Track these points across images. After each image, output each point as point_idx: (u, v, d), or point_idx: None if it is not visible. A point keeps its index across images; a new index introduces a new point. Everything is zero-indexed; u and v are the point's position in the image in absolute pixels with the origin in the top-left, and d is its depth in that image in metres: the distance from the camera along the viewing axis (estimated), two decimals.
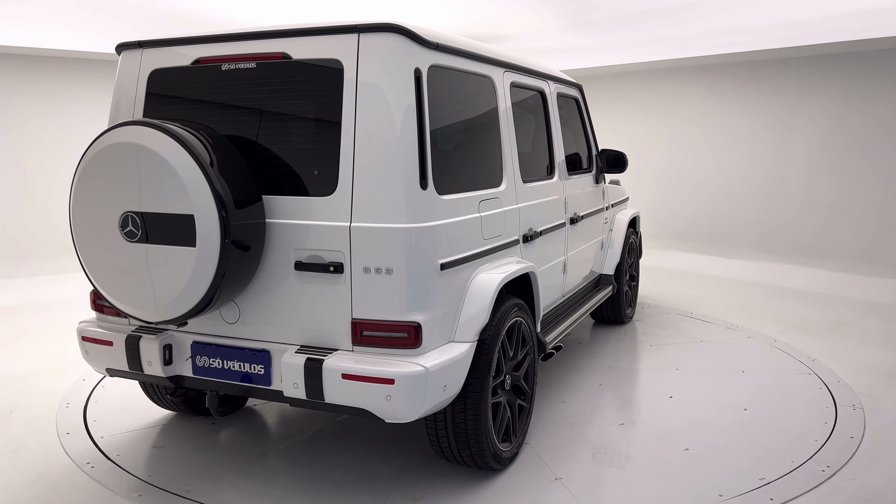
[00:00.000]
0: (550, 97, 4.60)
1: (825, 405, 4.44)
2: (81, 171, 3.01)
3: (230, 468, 3.62)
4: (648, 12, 5.80)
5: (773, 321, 6.46)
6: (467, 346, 3.15)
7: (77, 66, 8.27)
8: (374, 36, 2.93)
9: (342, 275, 2.97)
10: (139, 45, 3.45)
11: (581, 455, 3.76)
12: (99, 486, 3.45)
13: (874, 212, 7.87)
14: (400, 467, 3.63)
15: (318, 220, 3.00)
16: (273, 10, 5.63)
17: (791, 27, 6.52)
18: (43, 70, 8.04)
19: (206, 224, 2.80)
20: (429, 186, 2.99)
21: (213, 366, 3.26)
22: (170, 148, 2.81)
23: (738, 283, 8.01)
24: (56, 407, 4.45)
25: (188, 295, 2.90)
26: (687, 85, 9.44)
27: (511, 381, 3.65)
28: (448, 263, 3.07)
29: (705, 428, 4.11)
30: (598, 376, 5.00)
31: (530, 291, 3.84)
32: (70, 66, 8.22)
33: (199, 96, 3.29)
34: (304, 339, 3.11)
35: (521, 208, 3.87)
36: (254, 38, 3.16)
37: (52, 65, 8.08)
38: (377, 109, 2.91)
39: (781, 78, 8.50)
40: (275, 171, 3.09)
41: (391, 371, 2.86)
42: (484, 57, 3.61)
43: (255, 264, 3.09)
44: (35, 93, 8.04)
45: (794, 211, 8.49)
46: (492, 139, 3.69)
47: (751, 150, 8.87)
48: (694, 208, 9.42)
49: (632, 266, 6.54)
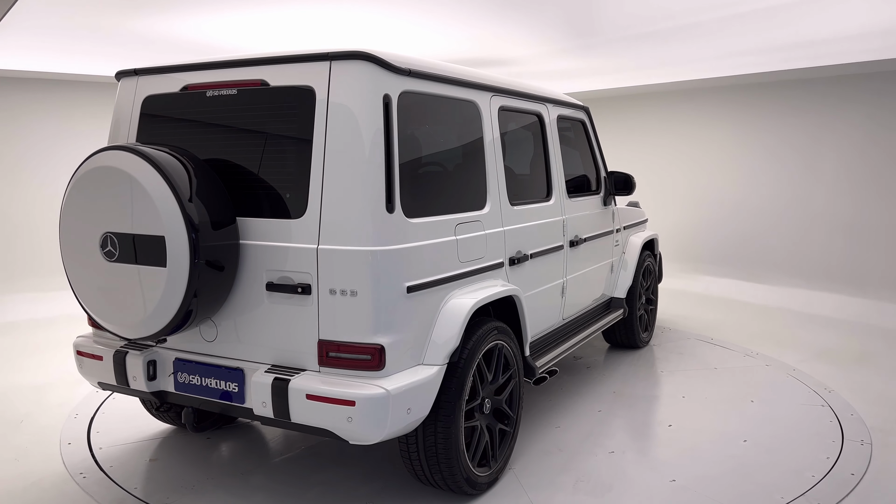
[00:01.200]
0: (549, 120, 4.60)
1: (832, 439, 4.26)
2: (68, 192, 3.15)
3: (214, 483, 3.70)
4: (661, 32, 5.74)
5: (795, 349, 6.25)
6: (436, 369, 3.15)
7: (86, 89, 8.54)
8: (344, 63, 3.00)
9: (310, 296, 3.03)
10: (135, 72, 3.60)
11: (563, 483, 3.71)
12: (85, 496, 3.56)
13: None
14: (378, 488, 3.64)
15: (288, 241, 3.07)
16: (272, 38, 5.79)
17: (815, 46, 6.36)
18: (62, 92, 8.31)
19: (176, 245, 2.90)
20: (396, 210, 3.03)
21: (192, 382, 3.35)
22: (145, 172, 2.93)
23: (763, 309, 7.77)
24: (65, 417, 4.63)
25: (160, 313, 3.00)
26: (711, 107, 9.28)
27: (492, 405, 3.63)
28: (416, 286, 3.10)
29: (698, 459, 4.00)
30: (599, 402, 4.92)
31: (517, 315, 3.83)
32: (80, 89, 8.46)
33: (187, 120, 3.42)
34: (275, 359, 3.17)
35: (506, 231, 3.87)
36: (235, 65, 3.27)
37: (65, 88, 8.32)
38: (346, 134, 2.97)
39: (807, 99, 8.27)
40: (251, 194, 3.18)
41: (352, 393, 2.89)
42: (465, 82, 3.64)
43: (230, 284, 3.18)
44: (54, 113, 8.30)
45: (821, 235, 8.21)
46: (474, 163, 3.71)
47: (777, 173, 8.63)
48: (720, 232, 9.21)
49: (648, 289, 6.43)
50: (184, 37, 5.64)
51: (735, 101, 9.00)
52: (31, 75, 7.75)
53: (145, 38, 5.61)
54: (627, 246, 6.04)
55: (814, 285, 8.07)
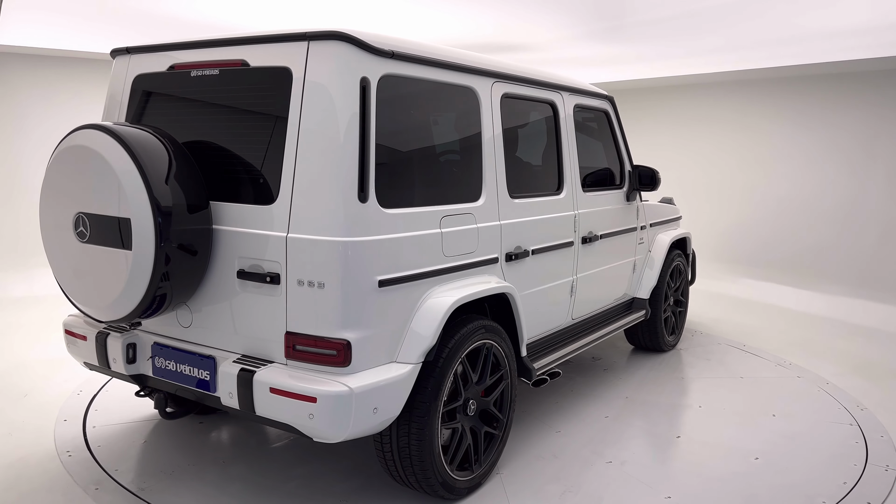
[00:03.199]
0: (563, 110, 4.37)
1: (853, 462, 3.94)
2: (46, 171, 3.12)
3: (194, 469, 3.65)
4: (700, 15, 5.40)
5: (833, 361, 5.86)
6: (409, 367, 3.00)
7: (85, 65, 8.48)
8: (321, 44, 2.86)
9: (279, 286, 2.92)
10: (127, 50, 3.55)
11: (550, 492, 3.52)
12: (66, 475, 3.56)
13: None
14: (358, 486, 3.53)
15: (259, 228, 2.96)
16: (281, 16, 5.68)
17: (874, 34, 5.90)
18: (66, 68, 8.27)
19: (141, 228, 2.83)
20: (369, 199, 2.88)
21: (168, 368, 3.30)
22: (114, 152, 2.86)
23: (804, 316, 7.34)
24: (68, 394, 4.67)
25: (127, 297, 2.94)
26: (756, 99, 8.81)
27: (477, 407, 3.47)
28: (389, 280, 2.95)
29: (701, 475, 3.74)
30: (608, 408, 4.69)
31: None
32: (77, 66, 8.39)
33: (173, 101, 3.35)
34: (245, 349, 3.08)
35: (503, 225, 3.68)
36: (218, 45, 3.18)
37: (61, 64, 8.27)
38: (320, 117, 2.83)
39: (862, 92, 7.73)
40: (228, 178, 3.09)
41: (314, 389, 2.77)
42: (461, 66, 3.45)
43: (203, 269, 3.10)
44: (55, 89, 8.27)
45: (872, 239, 7.68)
46: (467, 153, 3.52)
47: (825, 170, 8.13)
48: (762, 232, 8.75)
49: (677, 290, 6.13)
50: (193, 15, 5.59)
51: (781, 93, 8.52)
52: (34, 51, 7.76)
53: (152, 16, 5.59)
54: (654, 244, 5.75)
55: (861, 293, 7.57)
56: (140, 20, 5.74)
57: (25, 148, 7.97)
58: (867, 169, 7.78)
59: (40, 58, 7.99)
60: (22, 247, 7.62)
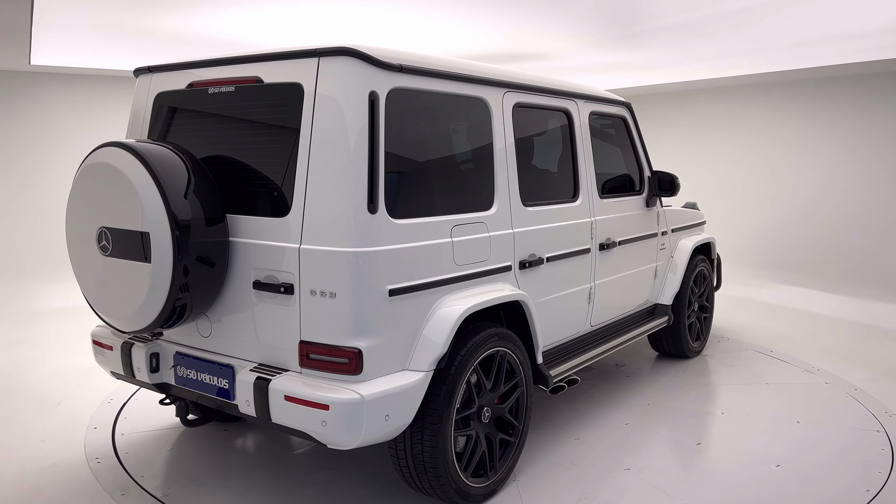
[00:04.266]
0: (578, 117, 4.38)
1: (878, 469, 3.87)
2: (72, 187, 3.24)
3: (216, 476, 3.74)
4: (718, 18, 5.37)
5: (862, 366, 5.75)
6: (421, 375, 3.05)
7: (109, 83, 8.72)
8: (331, 60, 2.93)
9: (292, 296, 2.99)
10: (149, 69, 3.68)
11: (566, 499, 3.53)
12: (94, 481, 3.68)
13: None
14: (376, 492, 3.58)
15: (274, 240, 3.04)
16: (291, 34, 5.79)
17: (892, 35, 5.80)
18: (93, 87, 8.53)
19: (160, 241, 2.93)
20: (379, 210, 2.94)
21: (190, 377, 3.39)
22: (133, 168, 2.96)
23: (833, 321, 7.20)
24: (99, 402, 4.82)
25: (148, 308, 3.04)
26: (782, 102, 8.67)
27: (492, 414, 3.50)
28: (399, 290, 3.00)
29: (720, 483, 3.72)
30: (629, 414, 4.68)
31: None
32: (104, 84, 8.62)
33: (192, 117, 3.46)
34: (262, 357, 3.16)
35: (516, 233, 3.71)
36: (234, 62, 3.28)
37: (94, 83, 8.50)
38: (330, 131, 2.90)
39: (890, 93, 7.57)
40: (245, 192, 3.17)
41: (326, 396, 2.83)
42: (471, 77, 3.50)
43: (221, 280, 3.19)
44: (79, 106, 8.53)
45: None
46: (479, 163, 3.56)
47: (854, 173, 7.97)
48: (789, 236, 8.60)
49: (702, 296, 6.07)
50: (209, 33, 5.73)
51: (808, 96, 8.39)
52: (62, 70, 7.99)
53: (173, 36, 5.75)
54: (676, 250, 5.72)
55: (891, 297, 7.41)
56: (161, 39, 5.92)
57: (59, 163, 8.24)
58: (895, 171, 7.62)
59: (71, 76, 8.27)
60: (53, 259, 7.85)
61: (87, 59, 7.14)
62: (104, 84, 8.50)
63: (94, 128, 8.36)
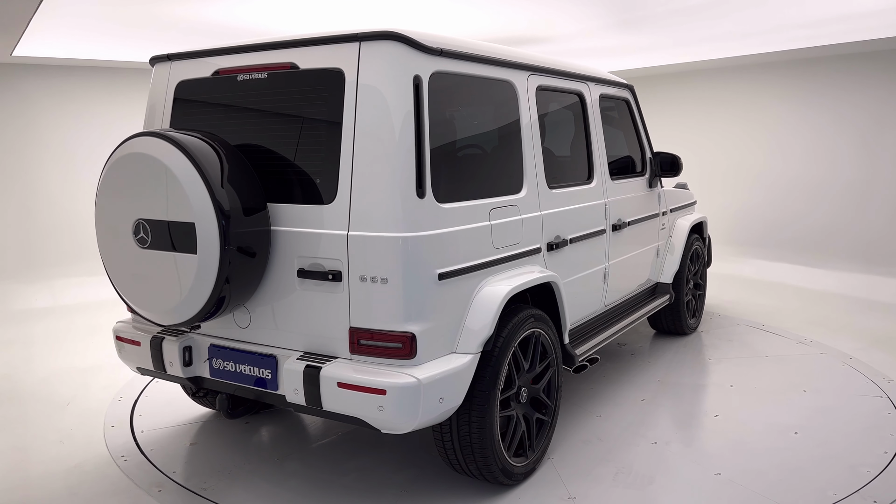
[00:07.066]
0: (590, 100, 4.44)
1: (890, 432, 4.05)
2: (102, 179, 3.16)
3: (249, 468, 3.71)
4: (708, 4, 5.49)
5: (852, 336, 5.97)
6: (469, 357, 3.08)
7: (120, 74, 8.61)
8: (373, 44, 2.91)
9: (340, 283, 2.98)
10: (168, 57, 3.59)
11: (602, 474, 3.60)
12: (126, 479, 3.61)
13: None
14: (413, 476, 3.60)
15: (319, 228, 3.02)
16: (307, 20, 5.73)
17: (877, 17, 6.01)
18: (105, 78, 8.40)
19: (206, 232, 2.88)
20: (426, 195, 2.94)
21: (227, 369, 3.35)
22: (175, 158, 2.90)
23: (819, 294, 7.46)
24: (109, 400, 4.71)
25: (192, 300, 2.99)
26: (763, 84, 8.92)
27: (528, 394, 3.55)
28: (447, 273, 3.02)
29: (745, 451, 3.84)
30: (643, 391, 4.78)
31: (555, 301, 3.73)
32: (113, 76, 8.53)
33: (219, 106, 3.39)
34: (307, 346, 3.14)
35: (544, 216, 3.75)
36: (265, 48, 3.23)
37: (107, 74, 8.40)
38: (375, 117, 2.89)
39: (867, 73, 7.85)
40: (283, 180, 3.14)
41: (383, 381, 2.83)
42: (501, 61, 3.52)
43: (262, 270, 3.15)
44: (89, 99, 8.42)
45: (882, 216, 7.82)
46: (510, 146, 3.59)
47: (834, 151, 8.26)
48: (773, 213, 8.88)
49: (697, 274, 6.23)
50: (219, 21, 5.63)
51: (788, 77, 8.64)
52: (73, 62, 7.85)
53: (181, 24, 5.63)
54: (674, 229, 5.85)
55: (873, 269, 7.71)
56: (174, 27, 5.77)
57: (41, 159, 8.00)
58: (875, 149, 7.92)
59: (53, 68, 8.01)
60: (37, 258, 7.63)
61: (75, 49, 6.91)
62: (88, 75, 8.29)
63: (79, 122, 8.17)
